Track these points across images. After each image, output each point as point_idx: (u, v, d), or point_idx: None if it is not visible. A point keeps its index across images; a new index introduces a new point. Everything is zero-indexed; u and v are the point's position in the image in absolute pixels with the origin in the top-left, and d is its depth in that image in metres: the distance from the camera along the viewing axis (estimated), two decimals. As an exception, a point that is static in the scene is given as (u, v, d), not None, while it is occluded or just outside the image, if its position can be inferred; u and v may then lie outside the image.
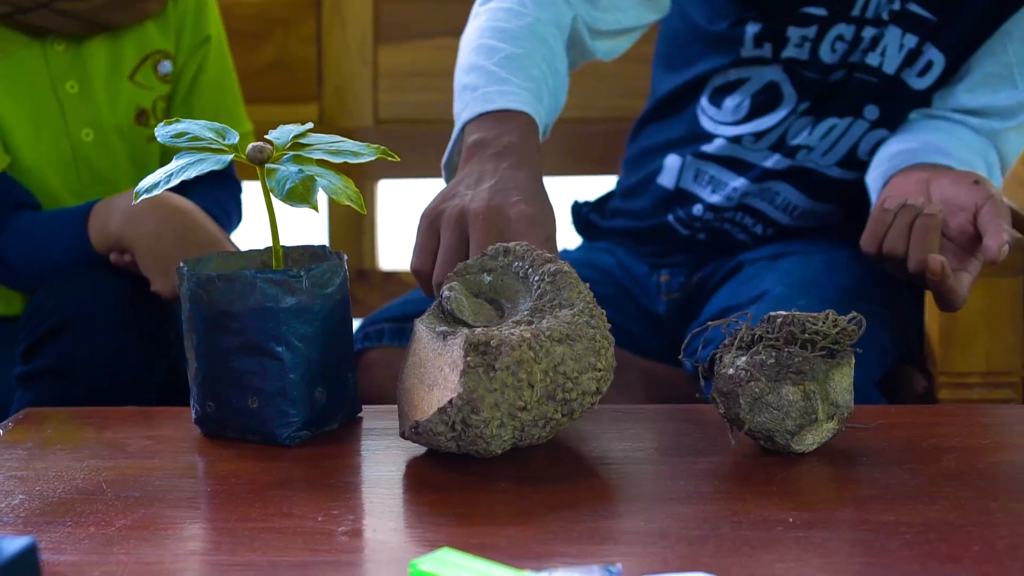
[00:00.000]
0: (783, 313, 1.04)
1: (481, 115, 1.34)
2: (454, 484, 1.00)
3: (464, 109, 1.37)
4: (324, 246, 1.18)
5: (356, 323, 1.60)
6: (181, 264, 1.11)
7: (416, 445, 1.07)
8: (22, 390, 1.44)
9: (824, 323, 1.03)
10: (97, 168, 1.62)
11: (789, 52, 1.59)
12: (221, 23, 1.73)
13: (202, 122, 1.09)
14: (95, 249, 1.48)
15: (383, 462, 1.07)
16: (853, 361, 1.04)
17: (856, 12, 1.55)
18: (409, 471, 1.04)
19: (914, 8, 1.54)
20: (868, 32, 1.56)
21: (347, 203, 1.04)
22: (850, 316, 1.04)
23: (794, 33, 1.57)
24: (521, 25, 1.45)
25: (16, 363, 1.47)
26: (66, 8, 1.53)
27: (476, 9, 1.54)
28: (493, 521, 0.93)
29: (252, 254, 1.18)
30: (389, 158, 1.08)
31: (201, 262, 1.14)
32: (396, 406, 1.10)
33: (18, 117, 1.56)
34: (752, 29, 1.59)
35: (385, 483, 1.03)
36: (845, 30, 1.56)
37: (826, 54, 1.57)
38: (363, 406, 1.18)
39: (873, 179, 1.52)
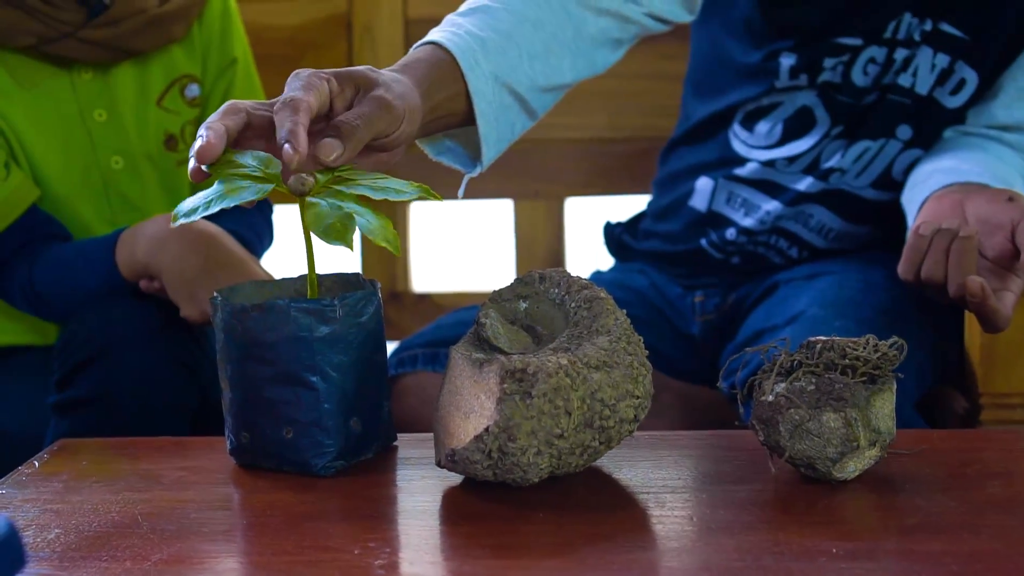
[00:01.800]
0: (822, 338, 1.03)
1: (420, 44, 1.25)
2: (491, 514, 0.99)
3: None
4: (358, 274, 1.17)
5: (390, 346, 1.59)
6: (215, 294, 1.10)
7: (452, 474, 1.06)
8: (57, 419, 1.44)
9: (864, 348, 1.01)
10: (128, 195, 1.62)
11: (823, 77, 1.57)
12: (247, 44, 1.73)
13: (248, 152, 1.08)
14: (124, 277, 1.48)
15: (419, 492, 1.06)
16: (895, 386, 1.03)
17: (888, 34, 1.54)
18: (445, 501, 1.03)
19: (946, 28, 1.53)
20: (900, 53, 1.55)
21: (383, 244, 1.02)
22: (891, 341, 1.02)
23: (828, 62, 1.56)
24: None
25: (50, 392, 1.47)
26: (90, 36, 1.53)
27: None
28: (531, 553, 0.92)
29: (285, 283, 1.17)
30: (432, 199, 1.07)
31: (234, 291, 1.14)
32: (431, 434, 1.09)
33: (48, 147, 1.57)
34: (787, 62, 1.58)
35: (421, 514, 1.01)
36: (877, 52, 1.55)
37: (858, 77, 1.56)
38: (398, 434, 1.17)
39: (909, 200, 1.50)
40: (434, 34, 1.24)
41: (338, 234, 1.00)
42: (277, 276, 1.37)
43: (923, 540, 0.91)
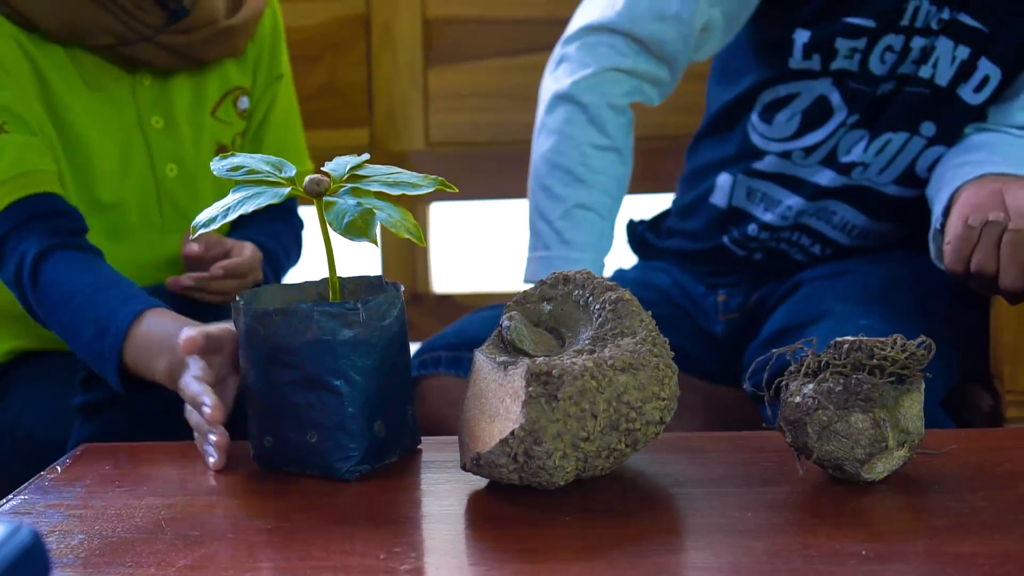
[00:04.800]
0: (850, 339, 1.02)
1: None
2: (517, 518, 0.98)
3: (532, 263, 1.58)
4: (380, 276, 1.16)
5: (411, 348, 1.59)
6: (237, 298, 1.10)
7: (477, 477, 1.06)
8: (81, 420, 1.44)
9: (892, 348, 1.00)
10: (180, 203, 1.61)
11: (838, 64, 1.57)
12: (289, 61, 1.74)
13: (258, 156, 1.08)
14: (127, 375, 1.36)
15: (444, 496, 1.05)
16: (923, 386, 1.02)
17: (905, 22, 1.53)
18: (471, 505, 1.02)
19: (965, 19, 1.52)
20: (917, 42, 1.53)
21: (406, 236, 1.02)
22: (919, 340, 1.01)
23: (843, 45, 1.55)
24: (581, 156, 1.57)
25: (75, 393, 1.46)
26: (167, 41, 1.53)
27: (554, 93, 1.61)
28: (558, 557, 0.91)
29: (307, 286, 1.17)
30: (447, 190, 1.07)
31: (255, 295, 1.13)
32: (455, 438, 1.08)
33: (108, 150, 1.55)
34: (800, 39, 1.57)
35: (447, 518, 1.01)
36: (894, 40, 1.54)
37: (875, 65, 1.55)
38: (421, 437, 1.17)
39: (936, 191, 1.49)
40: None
41: (359, 230, 1.00)
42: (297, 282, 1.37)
43: (953, 541, 0.90)
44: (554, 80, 1.61)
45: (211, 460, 1.12)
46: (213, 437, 1.11)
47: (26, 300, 1.43)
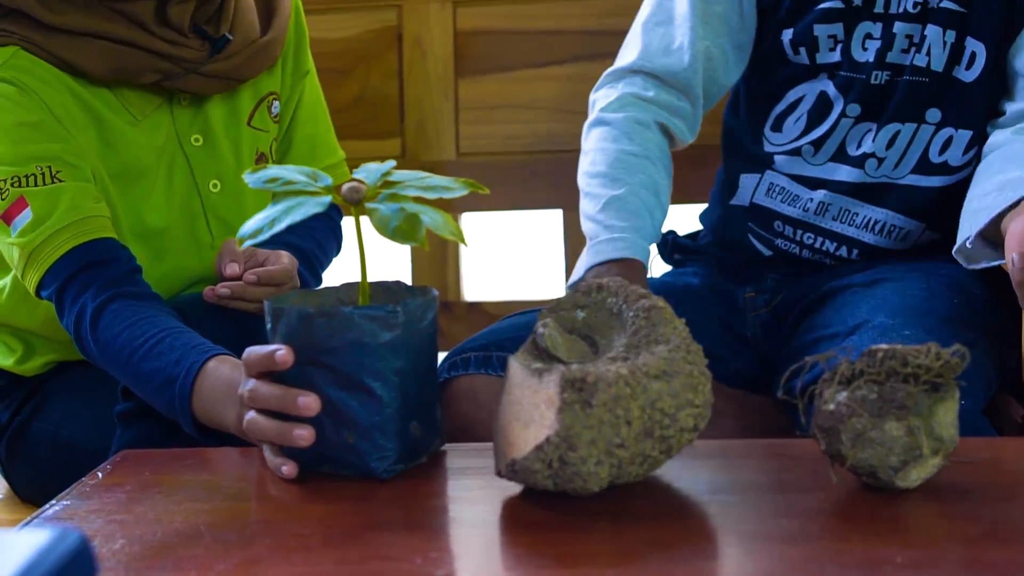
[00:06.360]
0: (884, 347, 1.02)
1: (597, 265, 1.56)
2: (551, 524, 0.99)
3: (586, 256, 1.60)
4: (398, 281, 1.18)
5: (441, 355, 1.59)
6: (265, 303, 1.11)
7: (510, 484, 1.06)
8: (122, 428, 1.45)
9: (927, 356, 1.01)
10: (226, 218, 1.61)
11: (823, 56, 1.63)
12: (312, 58, 1.74)
13: (291, 167, 1.09)
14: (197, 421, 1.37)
15: (479, 501, 1.06)
16: (958, 395, 1.02)
17: (879, 8, 1.60)
18: (505, 511, 1.03)
19: (946, 4, 1.58)
20: (901, 28, 1.59)
21: (450, 237, 1.05)
22: (953, 349, 1.02)
23: (821, 32, 1.62)
24: (614, 161, 1.64)
25: (116, 402, 1.47)
26: (212, 70, 1.54)
27: (588, 125, 1.70)
28: (592, 563, 0.92)
29: (327, 292, 1.18)
30: (479, 191, 1.08)
31: (280, 301, 1.14)
32: (489, 443, 1.09)
33: (155, 176, 1.56)
34: (787, 37, 1.65)
35: (482, 524, 1.02)
36: (872, 28, 1.61)
37: (858, 52, 1.61)
38: (454, 443, 1.18)
39: (977, 210, 1.48)
40: (616, 251, 1.57)
41: (407, 234, 1.02)
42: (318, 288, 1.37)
43: (988, 549, 0.91)
44: (589, 117, 1.71)
45: (285, 469, 1.12)
46: (285, 469, 1.12)
47: (89, 354, 1.45)
